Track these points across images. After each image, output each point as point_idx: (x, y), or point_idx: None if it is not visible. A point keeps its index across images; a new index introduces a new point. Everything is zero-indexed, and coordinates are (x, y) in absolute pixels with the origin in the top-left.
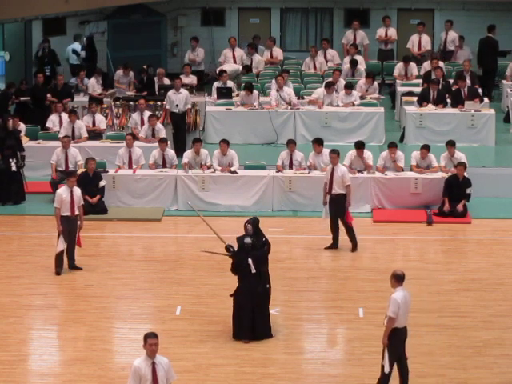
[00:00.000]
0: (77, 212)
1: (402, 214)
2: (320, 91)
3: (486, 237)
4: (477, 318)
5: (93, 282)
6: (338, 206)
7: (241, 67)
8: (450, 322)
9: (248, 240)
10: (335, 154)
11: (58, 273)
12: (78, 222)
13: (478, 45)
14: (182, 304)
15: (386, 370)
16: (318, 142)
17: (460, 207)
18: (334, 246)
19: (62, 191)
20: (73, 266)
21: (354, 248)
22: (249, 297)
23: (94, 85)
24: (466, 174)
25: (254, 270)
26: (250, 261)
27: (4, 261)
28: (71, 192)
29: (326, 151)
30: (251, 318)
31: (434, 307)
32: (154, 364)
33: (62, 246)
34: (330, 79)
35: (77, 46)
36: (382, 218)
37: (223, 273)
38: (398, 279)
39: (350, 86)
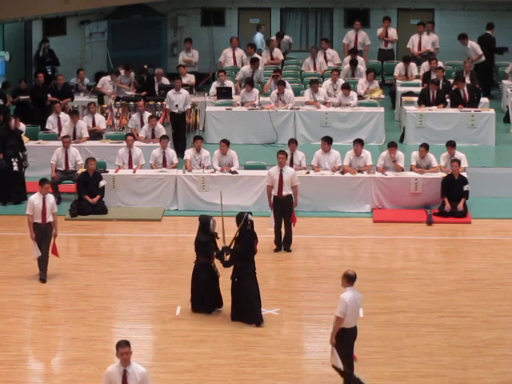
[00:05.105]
0: (50, 219)
1: (401, 214)
2: (309, 92)
3: (486, 237)
4: (477, 318)
5: (93, 282)
6: (286, 207)
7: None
8: (450, 322)
9: (250, 217)
10: (283, 154)
11: (42, 280)
12: (53, 230)
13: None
14: (181, 304)
15: (340, 366)
16: (328, 141)
17: (460, 206)
18: (279, 248)
19: (34, 198)
20: (42, 278)
21: (289, 247)
22: (254, 278)
23: (105, 82)
24: (465, 174)
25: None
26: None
27: (4, 261)
28: (43, 199)
29: (333, 151)
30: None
31: (433, 307)
32: (125, 372)
33: (36, 253)
34: (329, 79)
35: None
36: (382, 217)
37: (222, 272)
38: (348, 279)
39: (347, 87)
